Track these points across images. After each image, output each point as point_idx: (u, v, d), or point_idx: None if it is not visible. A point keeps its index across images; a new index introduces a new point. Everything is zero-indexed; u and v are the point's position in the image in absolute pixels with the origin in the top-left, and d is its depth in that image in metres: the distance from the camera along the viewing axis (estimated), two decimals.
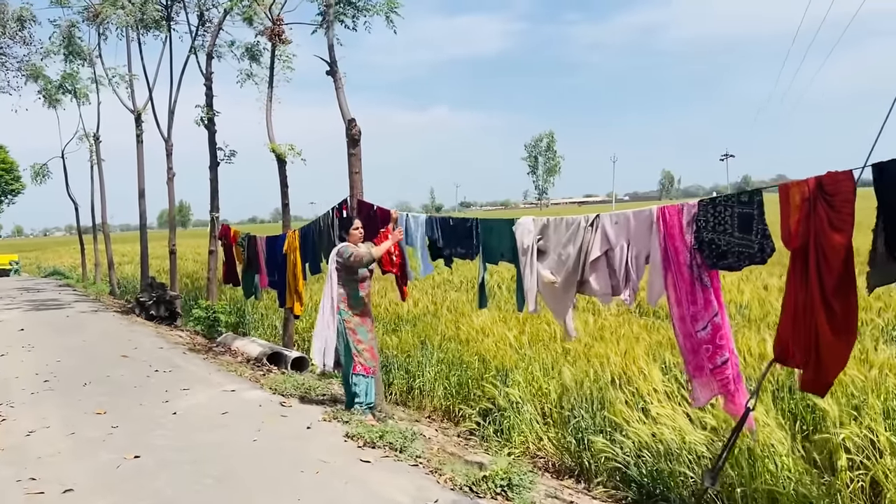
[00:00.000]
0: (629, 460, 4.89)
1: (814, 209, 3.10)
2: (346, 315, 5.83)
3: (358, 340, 5.81)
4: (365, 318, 5.94)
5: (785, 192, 3.24)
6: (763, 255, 3.49)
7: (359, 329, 5.85)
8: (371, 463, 4.43)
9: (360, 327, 5.86)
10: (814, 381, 3.08)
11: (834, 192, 3.05)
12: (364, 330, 5.88)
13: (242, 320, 12.37)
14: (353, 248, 5.84)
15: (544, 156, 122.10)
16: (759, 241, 3.47)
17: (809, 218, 3.11)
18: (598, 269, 4.28)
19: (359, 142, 6.67)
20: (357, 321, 5.86)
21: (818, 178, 3.10)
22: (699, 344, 3.82)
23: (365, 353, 5.81)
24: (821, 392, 3.12)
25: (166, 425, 5.47)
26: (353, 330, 5.82)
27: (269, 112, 9.92)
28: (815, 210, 3.09)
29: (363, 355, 5.80)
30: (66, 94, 19.11)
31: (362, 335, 5.85)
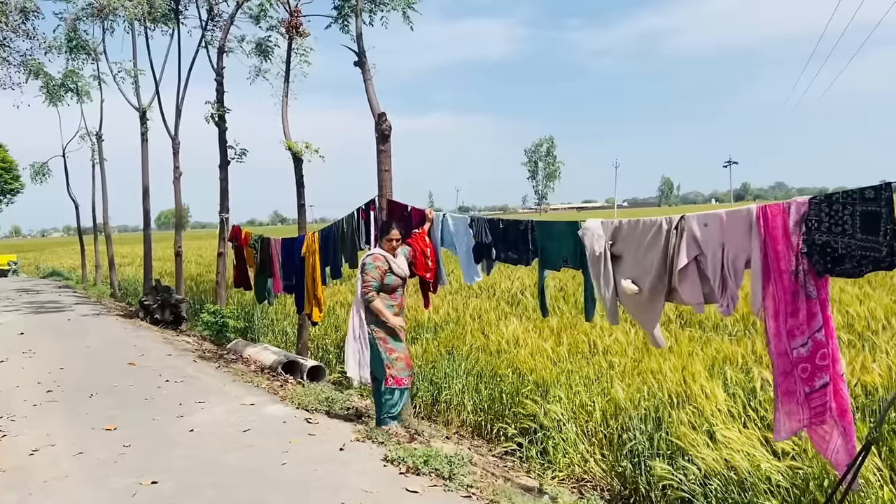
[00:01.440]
0: (695, 489, 4.44)
1: None
2: (375, 325, 5.42)
3: (390, 350, 5.41)
4: (395, 330, 5.51)
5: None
6: (893, 258, 3.04)
7: (390, 339, 5.43)
8: (419, 494, 3.97)
9: (392, 336, 5.44)
10: None
11: None
12: (396, 339, 5.46)
13: (251, 325, 11.92)
14: (373, 267, 5.43)
15: (544, 161, 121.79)
16: (887, 244, 3.03)
17: None
18: (688, 276, 3.84)
19: (389, 137, 6.23)
20: (388, 329, 5.44)
21: None
22: (794, 364, 3.38)
23: (398, 364, 5.41)
24: None
25: (184, 444, 5.00)
26: (385, 339, 5.41)
27: (284, 108, 9.49)
28: None
29: (396, 366, 5.39)
30: (69, 91, 18.68)
31: (394, 344, 5.44)
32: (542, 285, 5.23)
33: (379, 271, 5.42)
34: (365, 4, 9.40)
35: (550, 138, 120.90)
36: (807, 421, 3.41)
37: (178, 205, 13.50)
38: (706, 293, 3.84)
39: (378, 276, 5.41)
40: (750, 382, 5.23)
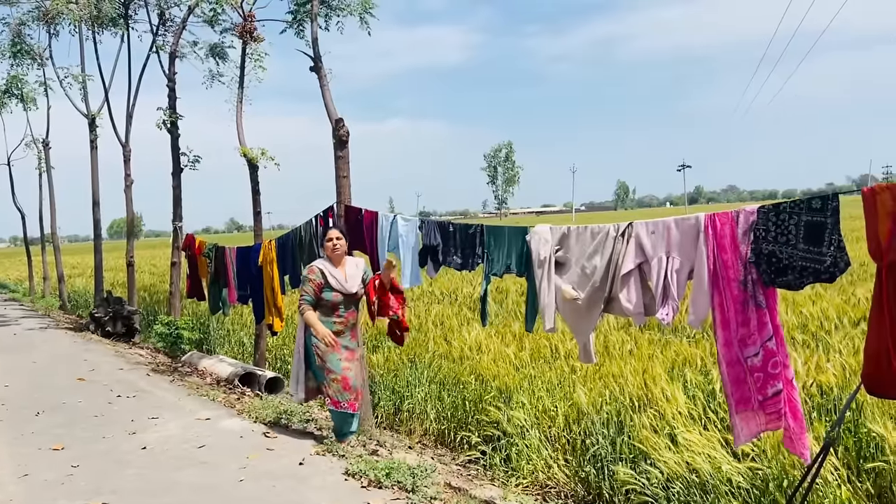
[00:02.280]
0: (657, 492, 4.45)
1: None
2: (314, 339, 5.14)
3: (327, 370, 5.12)
4: (338, 346, 5.16)
5: (872, 197, 2.83)
6: (835, 269, 3.07)
7: (329, 357, 5.12)
8: None
9: (331, 355, 5.12)
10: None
11: None
12: (335, 358, 5.12)
13: (207, 337, 11.63)
14: (306, 280, 5.17)
15: (503, 166, 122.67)
16: (832, 255, 3.06)
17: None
18: (630, 284, 3.84)
19: (347, 143, 6.15)
20: (325, 349, 5.12)
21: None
22: (748, 372, 3.40)
23: (334, 385, 5.11)
24: None
25: (135, 462, 4.82)
26: (321, 357, 5.13)
27: (239, 114, 9.29)
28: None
29: (332, 387, 5.11)
30: (13, 97, 18.04)
31: (332, 364, 5.11)
32: (485, 291, 5.18)
33: (312, 285, 5.13)
34: (320, 9, 9.28)
35: (509, 143, 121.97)
36: (763, 426, 3.44)
37: (129, 213, 13.12)
38: (646, 303, 3.85)
39: (311, 290, 5.12)
40: (709, 384, 5.28)
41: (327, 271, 5.15)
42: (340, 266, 5.25)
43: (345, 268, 5.25)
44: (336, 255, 5.22)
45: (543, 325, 4.40)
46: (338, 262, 5.25)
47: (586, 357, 4.33)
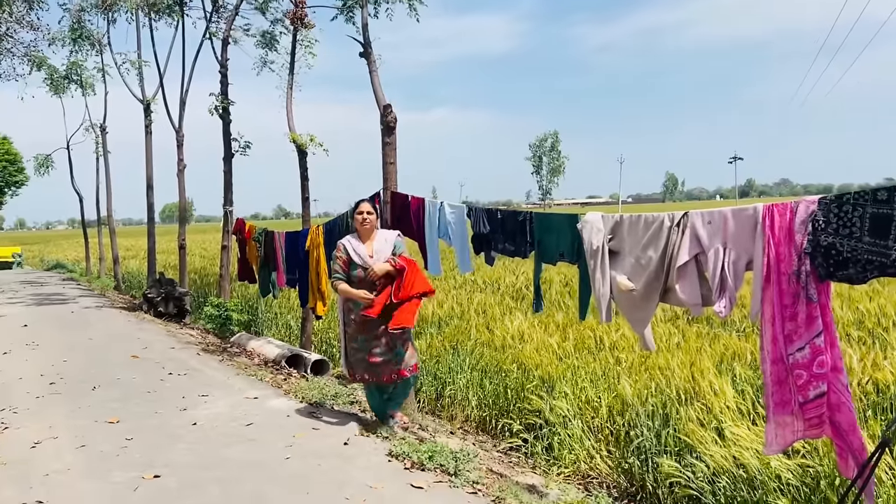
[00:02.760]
0: (703, 486, 4.39)
1: None
2: (344, 320, 5.15)
3: (353, 349, 5.12)
4: (365, 329, 5.00)
5: None
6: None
7: (358, 338, 5.07)
8: (424, 490, 3.92)
9: (358, 335, 5.05)
10: None
11: None
12: (363, 339, 5.04)
13: (255, 319, 11.88)
14: (334, 258, 5.06)
15: (548, 156, 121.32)
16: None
17: None
18: (687, 275, 3.77)
19: (394, 129, 6.18)
20: (354, 328, 5.06)
21: None
22: (789, 370, 3.27)
23: (362, 364, 5.08)
24: None
25: (186, 438, 4.96)
26: (349, 338, 5.12)
27: (289, 100, 9.42)
28: None
29: (360, 365, 5.10)
30: (72, 83, 18.64)
31: (360, 343, 5.07)
32: (538, 280, 5.15)
33: (340, 262, 5.01)
34: None
35: (555, 133, 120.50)
36: (801, 433, 3.32)
37: (181, 197, 13.46)
38: (704, 294, 3.76)
39: (339, 266, 5.01)
40: (759, 379, 5.15)
41: (351, 247, 5.02)
42: (368, 241, 5.07)
43: (372, 242, 5.07)
44: (365, 230, 5.06)
45: (600, 317, 4.31)
46: (366, 236, 5.07)
47: (645, 345, 4.27)
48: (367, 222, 5.04)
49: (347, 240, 5.08)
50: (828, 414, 3.22)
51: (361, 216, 5.05)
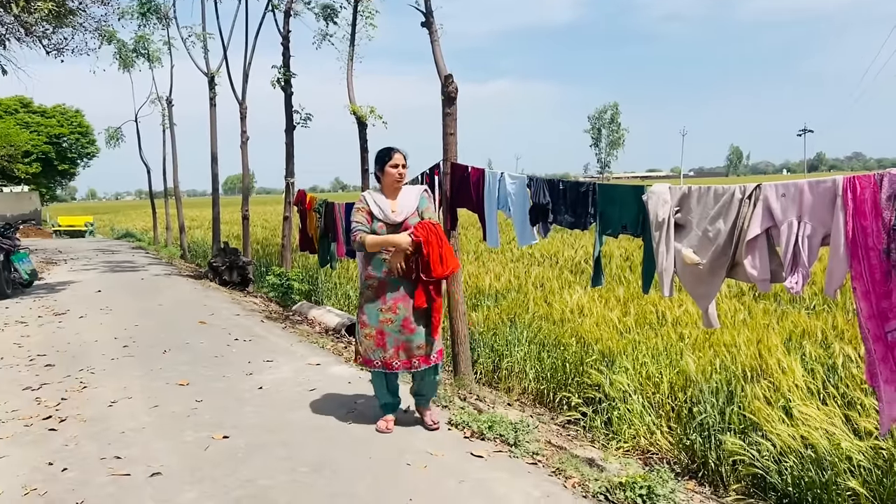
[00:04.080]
0: (769, 465, 4.29)
1: None
2: (362, 285, 4.43)
3: (362, 323, 4.35)
4: (383, 294, 4.26)
5: None
6: None
7: (367, 307, 4.32)
8: (484, 459, 3.95)
9: (370, 305, 4.30)
10: None
11: None
12: (374, 309, 4.28)
13: (315, 288, 12.11)
14: (355, 210, 4.32)
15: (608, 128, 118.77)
16: None
17: None
18: (757, 249, 3.64)
19: (455, 100, 6.13)
20: (370, 295, 4.31)
21: None
22: (888, 348, 3.16)
23: (366, 340, 4.32)
24: None
25: (253, 401, 5.13)
26: (362, 307, 4.37)
27: (350, 72, 9.47)
28: None
29: (363, 343, 4.34)
30: (140, 56, 19.16)
31: (369, 315, 4.31)
32: (599, 252, 5.03)
33: (363, 213, 4.28)
34: None
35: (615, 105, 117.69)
36: None
37: (245, 168, 13.75)
38: (774, 269, 3.63)
39: (363, 218, 4.26)
40: (830, 358, 5.00)
41: (372, 199, 4.30)
42: (395, 197, 4.32)
43: (398, 198, 4.32)
44: (397, 187, 4.32)
45: (661, 291, 4.24)
46: (394, 193, 4.32)
47: (708, 322, 4.17)
48: (403, 178, 4.31)
49: (369, 192, 4.37)
50: None
51: (396, 170, 4.25)
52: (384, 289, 4.25)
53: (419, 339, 4.30)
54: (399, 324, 4.25)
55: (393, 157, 4.26)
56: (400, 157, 4.28)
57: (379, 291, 4.27)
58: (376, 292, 4.28)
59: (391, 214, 4.24)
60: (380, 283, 4.26)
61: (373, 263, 4.30)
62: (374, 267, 4.29)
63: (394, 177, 4.26)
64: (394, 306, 4.24)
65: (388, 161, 4.25)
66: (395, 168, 4.26)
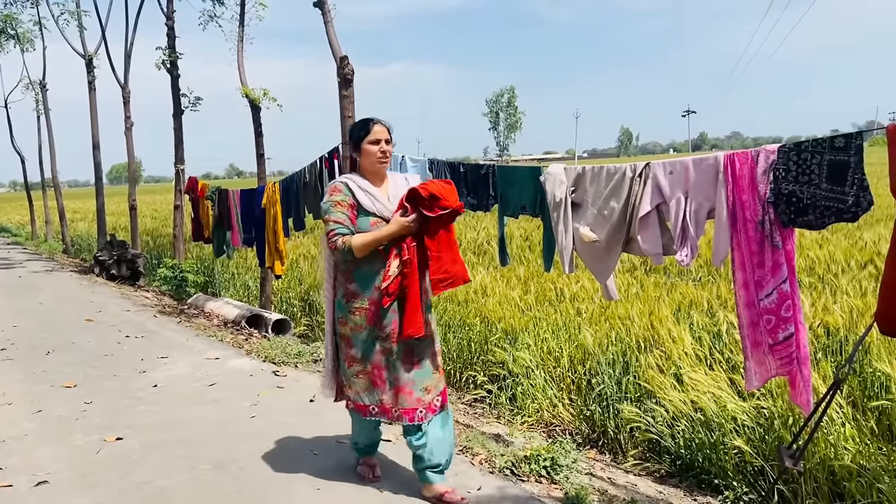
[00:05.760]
0: (663, 430, 4.52)
1: None
2: (341, 310, 3.24)
3: (350, 358, 3.23)
4: (378, 318, 3.15)
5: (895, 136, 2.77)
6: (858, 209, 3.02)
7: (357, 338, 3.19)
8: (393, 442, 3.95)
9: (360, 335, 3.18)
10: None
11: None
12: (368, 339, 3.17)
13: (212, 280, 11.68)
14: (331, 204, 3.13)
15: (505, 111, 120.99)
16: (854, 194, 3.00)
17: None
18: (649, 225, 3.80)
19: (352, 82, 6.03)
20: (358, 321, 3.17)
21: None
22: (760, 315, 3.39)
23: (357, 381, 3.24)
24: None
25: (147, 399, 4.89)
26: (348, 338, 3.22)
27: (240, 53, 9.11)
28: None
29: (354, 383, 3.25)
30: (9, 39, 17.68)
31: (359, 348, 3.19)
32: (503, 233, 5.14)
33: (341, 208, 3.11)
34: None
35: (511, 88, 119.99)
36: (774, 371, 3.45)
37: (130, 156, 13.01)
38: (665, 243, 3.81)
39: (342, 215, 3.09)
40: (715, 326, 5.31)
41: (357, 186, 3.17)
42: (382, 184, 3.28)
43: (388, 186, 3.29)
44: (382, 168, 3.24)
45: (563, 269, 4.36)
46: (379, 178, 3.27)
47: (608, 295, 4.32)
48: (387, 158, 3.24)
49: (349, 177, 3.23)
50: (796, 352, 3.33)
51: (377, 147, 3.19)
52: (379, 312, 3.14)
53: (426, 378, 3.24)
54: (401, 355, 3.18)
55: (372, 130, 3.19)
56: (381, 129, 3.21)
57: (372, 315, 3.15)
58: (368, 317, 3.15)
59: (388, 205, 3.18)
60: (372, 303, 3.14)
61: (358, 278, 3.16)
62: (362, 283, 3.15)
63: (375, 156, 3.18)
64: (394, 332, 3.16)
65: (364, 136, 3.19)
66: (375, 145, 3.18)
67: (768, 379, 3.49)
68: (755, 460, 3.97)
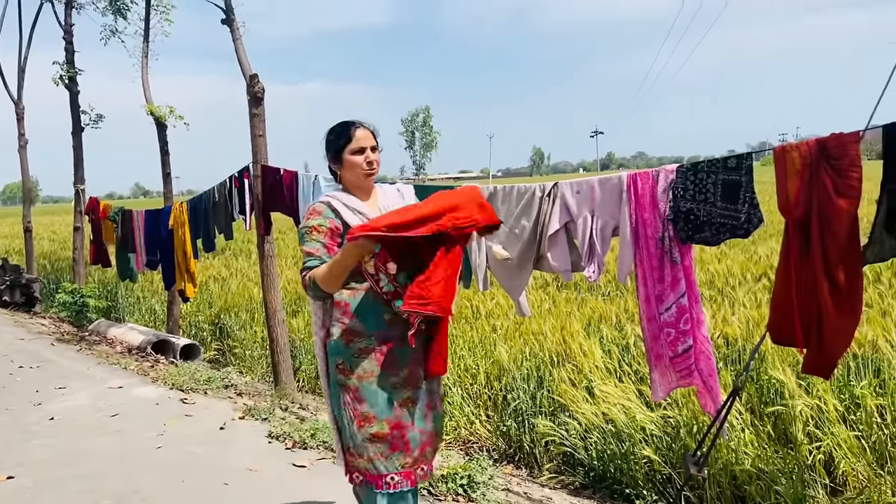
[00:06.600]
0: (576, 443, 4.62)
1: (816, 174, 2.86)
2: (340, 355, 2.54)
3: (358, 416, 2.51)
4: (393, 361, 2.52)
5: (782, 156, 2.97)
6: (750, 225, 3.21)
7: (367, 389, 2.51)
8: (307, 468, 3.86)
9: (371, 384, 2.50)
10: (817, 363, 2.86)
11: (839, 156, 2.80)
12: (381, 390, 2.51)
13: (115, 305, 11.12)
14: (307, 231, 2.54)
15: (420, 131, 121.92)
16: (746, 211, 3.19)
17: (812, 184, 2.86)
18: (558, 243, 3.91)
19: (262, 100, 5.92)
20: (367, 366, 2.50)
21: (820, 141, 2.85)
22: (661, 328, 3.54)
23: (371, 446, 2.50)
24: (825, 374, 2.89)
25: (42, 433, 4.59)
26: (355, 390, 2.51)
27: (144, 70, 8.80)
28: (818, 175, 2.84)
29: (365, 449, 2.51)
30: None
31: (374, 403, 2.50)
32: None
33: (319, 235, 2.51)
34: None
35: (426, 108, 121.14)
36: (675, 382, 3.60)
37: (24, 176, 12.27)
38: (574, 260, 3.94)
39: (318, 245, 2.49)
40: (624, 339, 5.49)
41: (342, 205, 2.60)
42: (370, 198, 2.73)
43: (377, 199, 2.74)
44: (369, 182, 2.70)
45: (478, 286, 4.42)
46: (366, 192, 2.72)
47: (521, 311, 4.40)
48: (375, 168, 2.67)
49: (332, 196, 2.65)
50: (695, 364, 3.48)
51: (362, 158, 2.62)
52: (392, 352, 2.53)
53: (441, 422, 2.81)
54: (424, 404, 2.62)
55: (354, 136, 2.62)
56: (365, 135, 2.64)
57: (384, 358, 2.52)
58: (380, 360, 2.51)
59: None
60: (382, 342, 2.50)
61: (359, 312, 2.52)
62: (365, 316, 2.51)
63: (361, 167, 2.62)
64: (413, 377, 2.57)
65: (345, 145, 2.62)
66: (359, 154, 2.62)
67: (671, 390, 3.63)
68: (663, 468, 4.11)
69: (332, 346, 2.55)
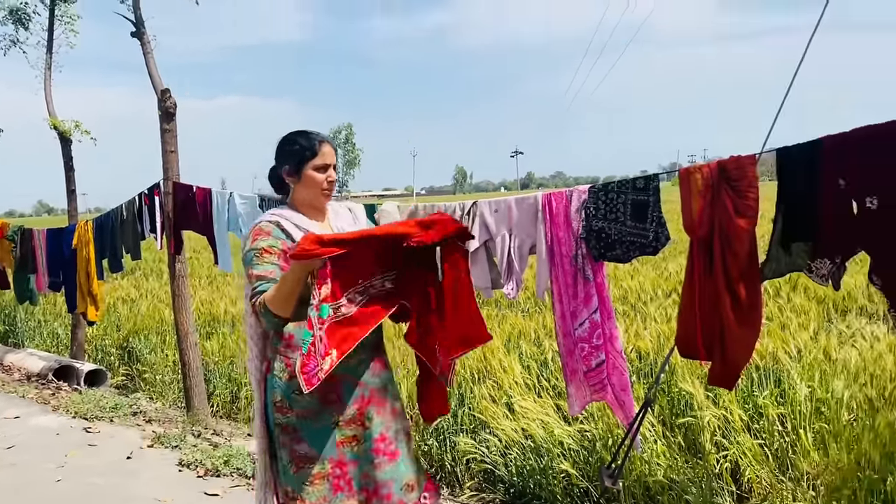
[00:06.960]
0: (497, 459, 4.65)
1: (717, 195, 3.00)
2: (280, 391, 2.38)
3: (300, 457, 2.36)
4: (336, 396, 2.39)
5: (686, 177, 3.11)
6: (657, 243, 3.34)
7: (306, 428, 2.37)
8: (220, 496, 3.72)
9: (310, 423, 2.37)
10: (722, 374, 2.99)
11: (738, 177, 2.96)
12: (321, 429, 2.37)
13: (13, 329, 10.46)
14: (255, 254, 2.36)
15: (343, 148, 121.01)
16: (654, 230, 3.32)
17: (713, 204, 3.01)
18: (478, 261, 3.95)
19: (174, 116, 5.74)
20: (307, 403, 2.35)
21: (720, 163, 3.01)
22: (575, 343, 3.63)
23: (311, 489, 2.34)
24: (729, 385, 3.03)
25: None
26: (293, 429, 2.37)
27: (48, 82, 8.38)
28: (719, 196, 2.99)
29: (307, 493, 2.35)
30: None
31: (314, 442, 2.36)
32: None
33: (270, 257, 2.34)
34: None
35: (349, 125, 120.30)
36: (589, 397, 3.69)
37: None
38: (493, 278, 4.00)
39: (272, 267, 2.32)
40: (542, 355, 5.59)
41: (292, 225, 2.45)
42: (323, 219, 2.63)
43: (329, 220, 2.65)
44: (325, 202, 2.64)
45: None
46: (320, 212, 2.62)
47: None
48: (332, 185, 2.56)
49: (279, 214, 2.47)
50: (607, 379, 3.56)
51: (326, 174, 2.54)
52: (336, 385, 2.36)
53: (406, 472, 2.51)
54: (370, 446, 2.42)
55: (320, 151, 2.50)
56: (331, 152, 2.54)
57: (326, 393, 2.33)
58: (321, 395, 2.31)
59: None
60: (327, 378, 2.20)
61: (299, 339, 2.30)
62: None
63: (321, 186, 2.51)
64: (359, 415, 2.42)
65: (310, 158, 2.48)
66: (322, 171, 2.51)
67: (587, 404, 3.71)
68: (581, 482, 4.19)
69: (272, 381, 2.38)
